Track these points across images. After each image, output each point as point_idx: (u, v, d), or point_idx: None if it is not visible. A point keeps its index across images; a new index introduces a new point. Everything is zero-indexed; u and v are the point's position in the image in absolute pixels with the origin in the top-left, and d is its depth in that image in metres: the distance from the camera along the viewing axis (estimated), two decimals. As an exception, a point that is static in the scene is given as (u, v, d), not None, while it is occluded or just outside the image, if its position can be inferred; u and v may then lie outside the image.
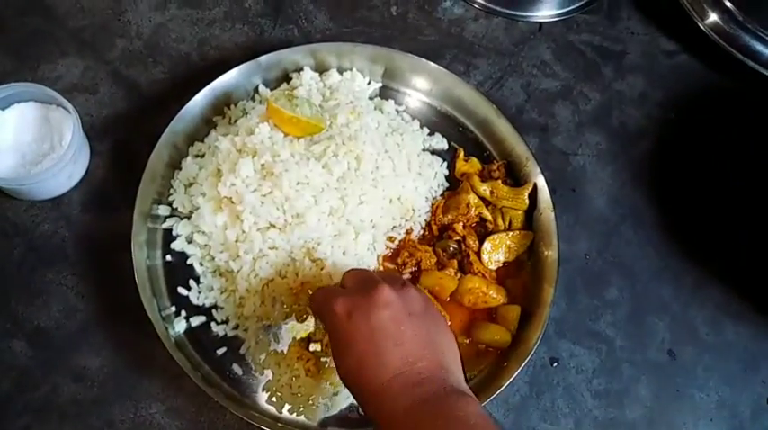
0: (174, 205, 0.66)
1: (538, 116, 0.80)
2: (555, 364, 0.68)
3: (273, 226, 0.63)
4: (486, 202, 0.71)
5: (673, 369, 0.70)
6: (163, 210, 0.66)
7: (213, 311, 0.63)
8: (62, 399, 0.60)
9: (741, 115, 0.83)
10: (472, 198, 0.70)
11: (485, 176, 0.72)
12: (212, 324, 0.63)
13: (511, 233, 0.69)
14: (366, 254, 0.67)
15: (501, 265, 0.69)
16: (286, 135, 0.65)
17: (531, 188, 0.70)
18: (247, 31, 0.78)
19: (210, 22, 0.78)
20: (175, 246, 0.65)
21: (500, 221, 0.70)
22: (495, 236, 0.69)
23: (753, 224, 0.76)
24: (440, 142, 0.74)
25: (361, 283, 0.53)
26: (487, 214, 0.70)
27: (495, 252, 0.68)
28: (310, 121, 0.63)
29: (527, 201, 0.70)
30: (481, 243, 0.69)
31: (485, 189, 0.71)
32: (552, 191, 0.70)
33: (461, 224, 0.69)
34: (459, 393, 0.46)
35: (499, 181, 0.71)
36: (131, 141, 0.69)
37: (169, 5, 0.78)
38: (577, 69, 0.83)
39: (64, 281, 0.64)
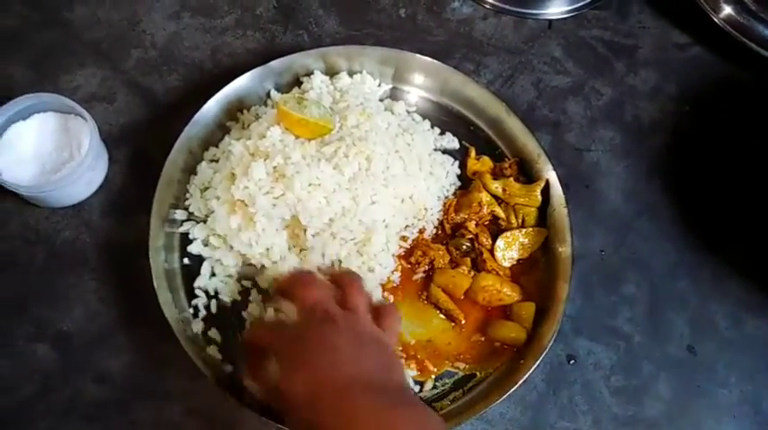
0: (191, 209, 0.67)
1: (549, 113, 0.80)
2: (572, 362, 0.68)
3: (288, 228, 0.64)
4: (499, 200, 0.71)
5: (693, 365, 0.69)
6: (180, 215, 0.67)
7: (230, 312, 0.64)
8: (85, 401, 0.61)
9: (757, 106, 0.81)
10: (484, 196, 0.70)
11: (497, 174, 0.72)
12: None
13: (524, 230, 0.69)
14: (381, 254, 0.67)
15: (515, 263, 0.69)
16: (297, 137, 0.65)
17: (543, 185, 0.70)
18: (259, 38, 0.80)
19: (223, 30, 0.79)
20: (192, 249, 0.66)
21: (513, 219, 0.70)
22: (509, 233, 0.69)
23: (772, 216, 0.75)
24: (451, 141, 0.75)
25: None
26: (500, 212, 0.70)
27: (509, 249, 0.68)
28: (318, 122, 0.64)
29: (539, 198, 0.70)
30: (494, 241, 0.69)
31: (497, 187, 0.71)
32: (566, 187, 0.69)
33: (474, 222, 0.69)
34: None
35: (511, 178, 0.71)
36: (148, 148, 0.71)
37: (182, 15, 0.80)
38: (588, 65, 0.83)
39: (85, 285, 0.66)
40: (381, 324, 0.55)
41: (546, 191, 0.70)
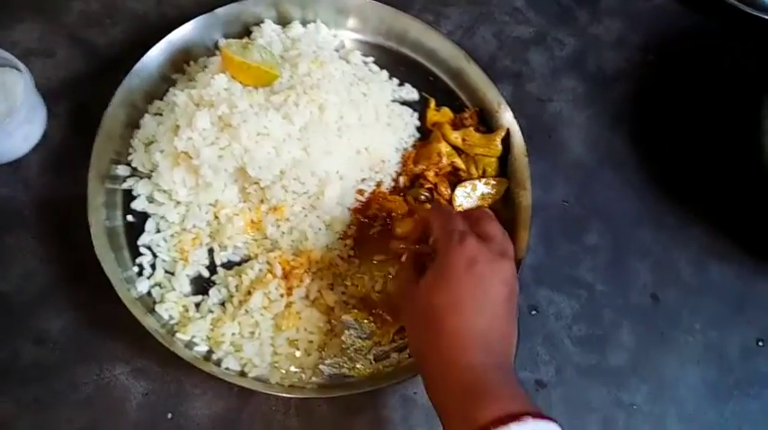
0: (134, 164, 0.64)
1: (511, 64, 0.77)
2: (534, 312, 0.66)
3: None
4: (459, 152, 0.69)
5: (656, 313, 0.68)
6: (122, 170, 0.64)
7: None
8: (24, 363, 0.59)
9: (721, 55, 0.80)
10: (444, 146, 0.68)
11: (457, 125, 0.70)
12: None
13: (483, 179, 0.67)
14: (335, 207, 0.65)
15: (474, 213, 0.67)
16: (244, 86, 0.63)
17: (503, 134, 0.68)
18: (207, -11, 0.76)
19: (169, -19, 0.76)
20: (136, 205, 0.63)
21: (473, 170, 0.68)
22: (467, 182, 0.67)
23: (735, 163, 0.74)
24: (410, 92, 0.72)
25: (492, 242, 0.52)
26: (460, 163, 0.68)
27: (468, 199, 0.66)
28: (261, 67, 0.61)
29: (500, 148, 0.68)
30: (453, 191, 0.67)
31: (456, 137, 0.68)
32: (528, 138, 0.67)
33: (433, 172, 0.67)
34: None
35: (471, 128, 0.69)
36: (89, 103, 0.67)
37: (126, -35, 0.76)
38: (551, 15, 0.80)
39: (23, 244, 0.62)
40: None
41: (506, 140, 0.68)
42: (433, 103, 0.72)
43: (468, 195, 0.67)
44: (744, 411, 0.65)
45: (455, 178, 0.68)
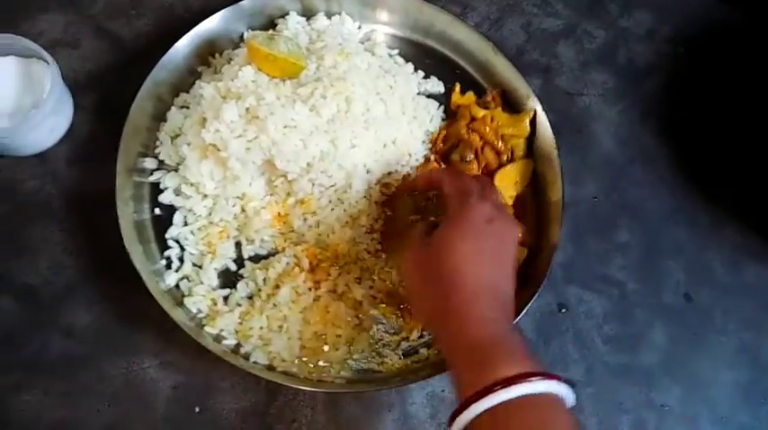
0: (161, 157, 0.64)
1: (540, 56, 0.76)
2: (563, 311, 0.65)
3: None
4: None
5: (689, 313, 0.66)
6: (150, 164, 0.64)
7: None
8: (52, 356, 0.59)
9: (751, 48, 0.78)
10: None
11: (481, 107, 0.69)
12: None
13: (514, 164, 0.66)
14: (362, 200, 0.64)
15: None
16: (271, 78, 0.62)
17: (532, 114, 0.67)
18: (233, -19, 0.76)
19: (195, -27, 0.75)
20: (163, 198, 0.63)
21: (502, 147, 0.67)
22: (501, 170, 0.66)
23: (771, 159, 0.72)
24: (436, 85, 0.71)
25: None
26: (490, 136, 0.66)
27: (508, 187, 0.66)
28: (288, 59, 0.60)
29: (528, 128, 0.67)
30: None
31: (484, 115, 0.67)
32: (557, 133, 0.66)
33: (478, 136, 0.66)
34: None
35: (498, 109, 0.68)
36: (116, 95, 0.67)
37: (152, -43, 0.75)
38: (580, 7, 0.79)
39: (51, 237, 0.62)
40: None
41: (533, 136, 0.67)
42: (458, 87, 0.71)
43: (505, 183, 0.66)
44: (778, 414, 0.64)
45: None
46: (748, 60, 0.77)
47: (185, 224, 0.62)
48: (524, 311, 0.58)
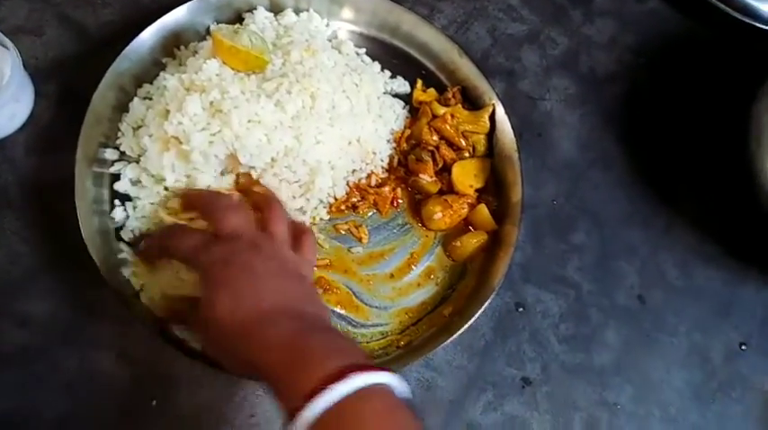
0: (122, 148, 0.63)
1: (504, 61, 0.77)
2: (520, 310, 0.66)
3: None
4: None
5: (642, 314, 0.68)
6: (110, 154, 0.63)
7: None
8: (6, 346, 0.58)
9: (712, 60, 0.81)
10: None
11: (442, 104, 0.70)
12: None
13: (472, 159, 0.68)
14: (326, 198, 0.65)
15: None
16: (236, 72, 0.62)
17: (491, 110, 0.68)
18: (202, -26, 0.75)
19: (163, -36, 0.75)
20: (119, 187, 0.62)
21: (463, 143, 0.68)
22: (460, 162, 0.67)
23: (723, 168, 0.74)
24: (401, 85, 0.72)
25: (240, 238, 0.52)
26: (450, 132, 0.67)
27: (467, 177, 0.67)
28: (251, 52, 0.60)
29: (488, 124, 0.68)
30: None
31: (444, 112, 0.68)
32: (519, 136, 0.67)
33: (437, 136, 0.68)
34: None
35: (458, 106, 0.69)
36: (79, 84, 0.66)
37: (120, -54, 0.75)
38: (545, 13, 0.80)
39: (8, 226, 0.61)
40: (300, 248, 0.55)
41: (493, 121, 0.68)
42: (419, 84, 0.72)
43: (466, 173, 0.67)
44: (726, 413, 0.66)
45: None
46: (707, 72, 0.80)
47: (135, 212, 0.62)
48: (482, 309, 0.59)
